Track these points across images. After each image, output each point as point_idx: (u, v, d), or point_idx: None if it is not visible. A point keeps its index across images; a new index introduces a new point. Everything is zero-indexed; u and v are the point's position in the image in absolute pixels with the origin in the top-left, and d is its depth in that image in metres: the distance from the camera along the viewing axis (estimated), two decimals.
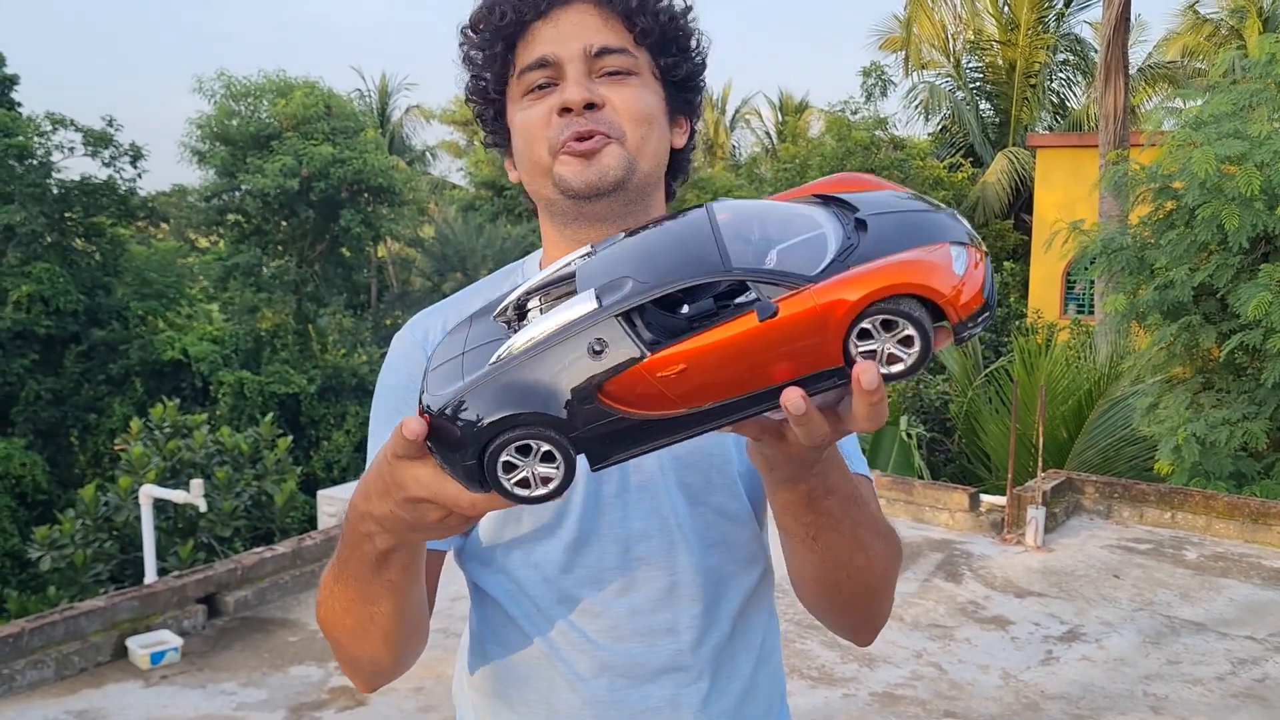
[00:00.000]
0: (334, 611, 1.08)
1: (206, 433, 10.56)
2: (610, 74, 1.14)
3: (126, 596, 5.03)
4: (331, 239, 21.08)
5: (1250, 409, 7.06)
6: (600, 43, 1.13)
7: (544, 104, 1.13)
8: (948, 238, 0.78)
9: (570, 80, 1.12)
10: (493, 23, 1.15)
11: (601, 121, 1.12)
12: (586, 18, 1.14)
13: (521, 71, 1.14)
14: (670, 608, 1.18)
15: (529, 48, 1.14)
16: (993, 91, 23.23)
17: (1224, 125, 7.03)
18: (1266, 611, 5.49)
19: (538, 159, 1.15)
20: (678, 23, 1.18)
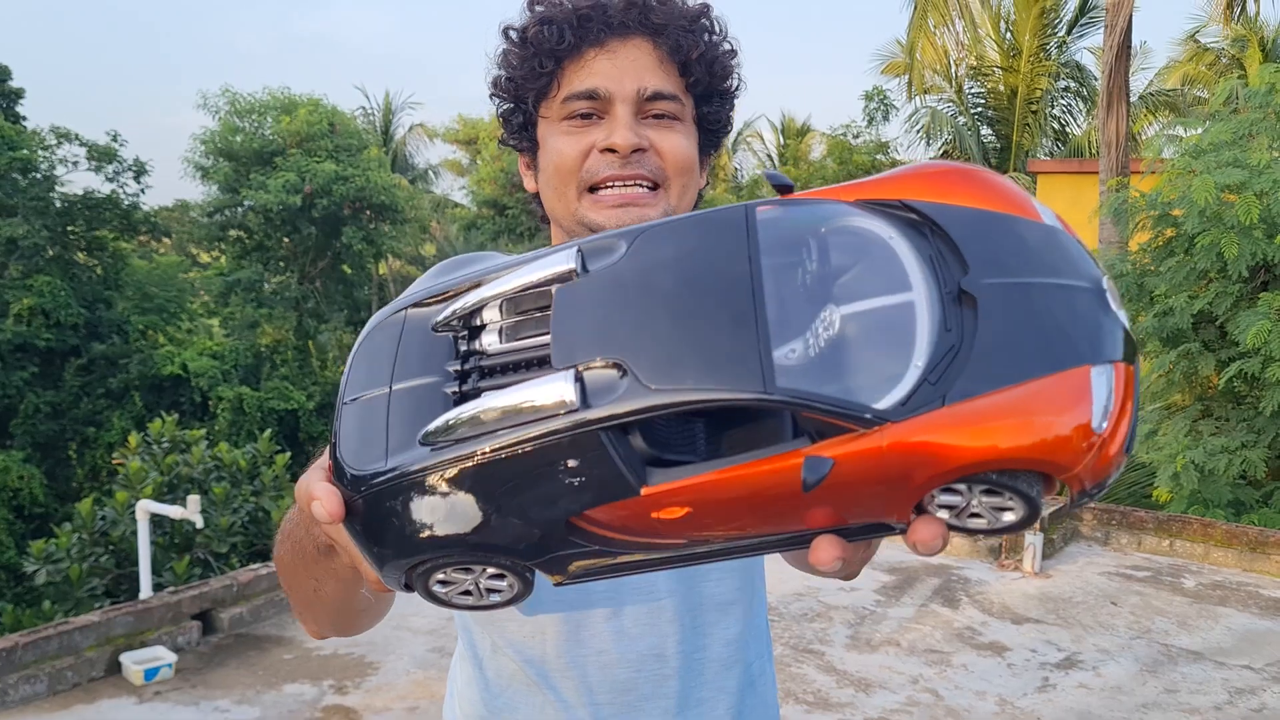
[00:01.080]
0: (282, 562, 1.01)
1: (205, 448, 10.54)
2: (656, 116, 1.12)
3: (121, 612, 5.01)
4: (333, 256, 21.14)
5: (1249, 437, 7.06)
6: (654, 86, 1.11)
7: (586, 137, 1.11)
8: (1094, 351, 0.56)
9: (620, 122, 1.10)
10: (546, 41, 1.11)
11: (645, 165, 1.11)
12: (643, 56, 1.11)
13: (567, 98, 1.11)
14: (658, 633, 1.17)
15: (580, 75, 1.11)
16: (994, 117, 23.32)
17: (1224, 154, 7.06)
18: (1264, 641, 5.47)
19: (566, 192, 1.13)
20: (726, 71, 1.18)
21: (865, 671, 5.02)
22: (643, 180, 1.11)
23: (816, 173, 22.05)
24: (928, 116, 23.03)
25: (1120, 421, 0.57)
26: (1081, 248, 0.64)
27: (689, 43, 1.12)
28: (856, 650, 5.24)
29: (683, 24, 1.12)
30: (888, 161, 21.57)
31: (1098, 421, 0.55)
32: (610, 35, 1.10)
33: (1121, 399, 0.57)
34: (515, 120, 1.18)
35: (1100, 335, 0.57)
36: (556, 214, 1.16)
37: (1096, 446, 0.56)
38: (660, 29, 1.11)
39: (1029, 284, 0.58)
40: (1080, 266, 0.61)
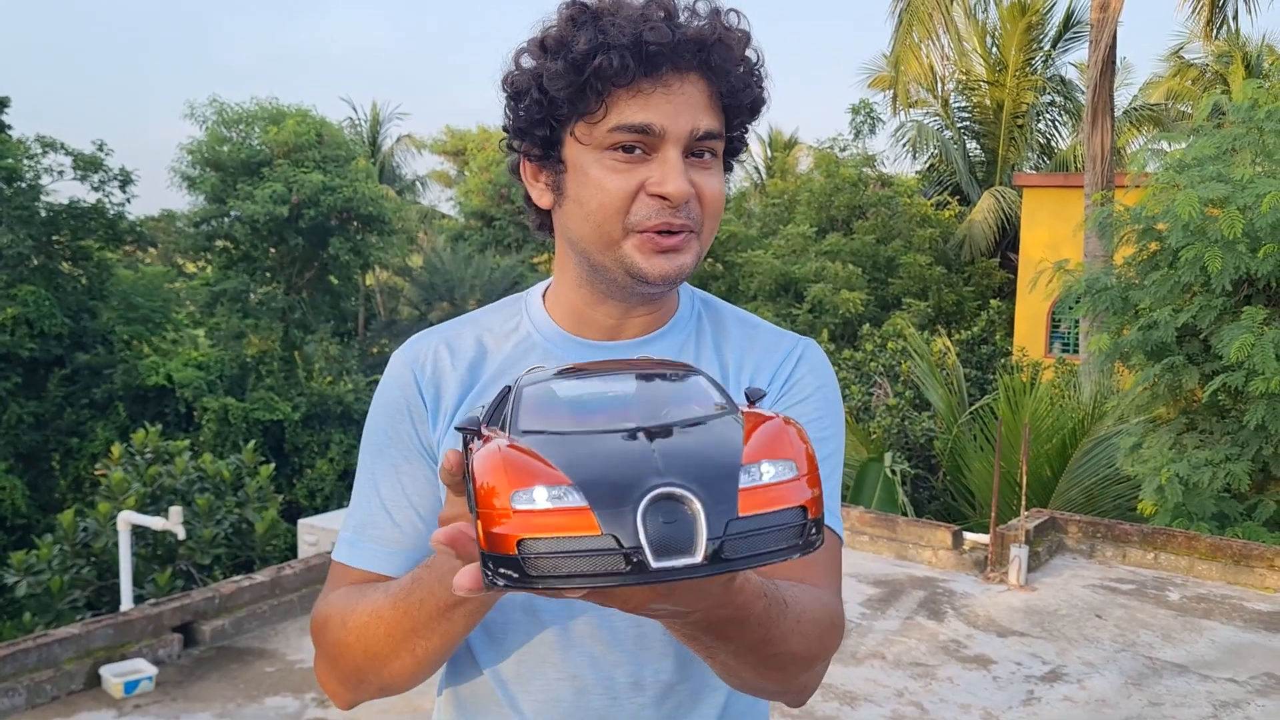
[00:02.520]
0: (370, 633, 1.05)
1: (188, 459, 10.49)
2: (697, 154, 1.10)
3: (101, 624, 4.97)
4: (320, 266, 21.08)
5: (1233, 450, 7.08)
6: (706, 127, 1.08)
7: (634, 176, 1.07)
8: (580, 477, 0.70)
9: (672, 166, 1.06)
10: (607, 70, 1.03)
11: (690, 214, 1.09)
12: (697, 93, 1.08)
13: (617, 127, 1.06)
14: (636, 660, 1.14)
15: (633, 106, 1.05)
16: (980, 131, 23.46)
17: (1207, 168, 7.10)
18: (1248, 654, 5.48)
19: (609, 230, 1.09)
20: (761, 108, 1.15)
21: (850, 685, 5.01)
22: (689, 229, 1.10)
23: (804, 185, 22.11)
24: (914, 130, 23.15)
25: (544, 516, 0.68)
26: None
27: (742, 85, 1.10)
28: (841, 663, 5.23)
29: (740, 63, 1.10)
30: (874, 175, 21.65)
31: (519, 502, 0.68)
32: (666, 70, 1.06)
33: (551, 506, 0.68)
34: (539, 133, 1.11)
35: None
36: (589, 247, 1.12)
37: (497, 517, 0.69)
38: (718, 70, 1.08)
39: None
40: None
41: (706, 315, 1.26)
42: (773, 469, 0.71)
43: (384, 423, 1.20)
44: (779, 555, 0.70)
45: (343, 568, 1.16)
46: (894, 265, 19.43)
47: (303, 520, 7.58)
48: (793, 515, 0.71)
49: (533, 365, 1.17)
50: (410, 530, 1.15)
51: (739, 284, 19.73)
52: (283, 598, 5.73)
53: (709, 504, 0.68)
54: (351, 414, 19.20)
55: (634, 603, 0.77)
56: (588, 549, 0.67)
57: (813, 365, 1.24)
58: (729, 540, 0.68)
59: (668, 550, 0.67)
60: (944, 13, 13.94)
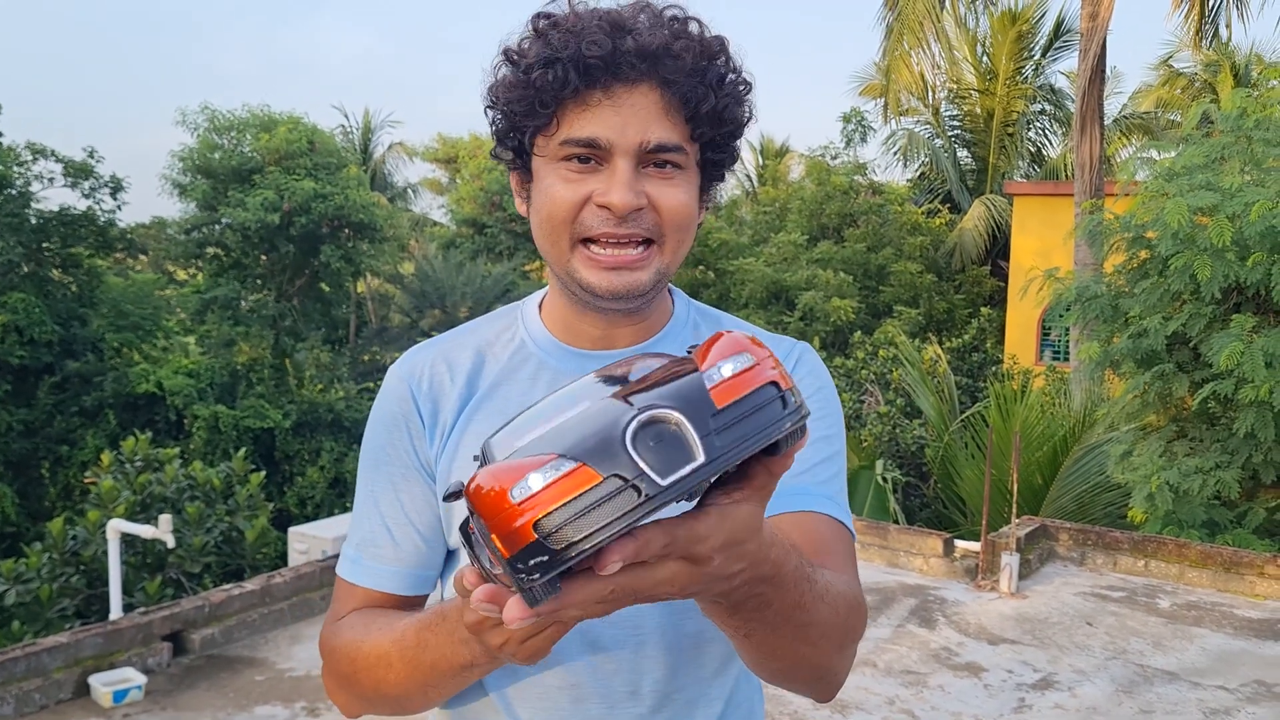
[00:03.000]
0: (379, 676, 1.06)
1: (178, 467, 10.46)
2: (658, 165, 1.08)
3: (90, 633, 4.94)
4: (311, 274, 21.05)
5: (1223, 458, 7.10)
6: (658, 139, 1.06)
7: (582, 186, 1.07)
8: (565, 448, 0.71)
9: (619, 178, 1.05)
10: (549, 85, 1.04)
11: (640, 224, 1.07)
12: (649, 104, 1.06)
13: (566, 141, 1.06)
14: (634, 668, 1.14)
15: (581, 120, 1.06)
16: (971, 139, 23.53)
17: (1196, 177, 7.13)
18: (1239, 661, 5.49)
19: (558, 240, 1.09)
20: (738, 121, 1.13)
21: (842, 692, 5.01)
22: (637, 240, 1.08)
23: (795, 193, 22.15)
24: (905, 139, 23.22)
25: (546, 495, 0.69)
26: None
27: (698, 95, 1.07)
28: None
29: (695, 73, 1.06)
30: (865, 183, 21.70)
31: (516, 494, 0.69)
32: (617, 82, 1.05)
33: (565, 482, 0.69)
34: (510, 142, 1.13)
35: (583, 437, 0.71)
36: (549, 257, 1.13)
37: (511, 511, 0.70)
38: (669, 78, 1.06)
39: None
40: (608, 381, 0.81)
41: (703, 324, 1.27)
42: (732, 364, 0.74)
43: (381, 438, 1.20)
44: (775, 430, 0.73)
45: (347, 585, 1.19)
46: (885, 273, 19.47)
47: (293, 528, 7.54)
48: (768, 392, 0.73)
49: (534, 379, 1.20)
50: (410, 548, 1.17)
51: (730, 291, 19.75)
52: (273, 606, 5.71)
53: (686, 410, 0.71)
54: (342, 421, 19.16)
55: (681, 582, 0.77)
56: (598, 498, 0.68)
57: (811, 368, 1.25)
58: (719, 433, 0.70)
59: (670, 465, 0.69)
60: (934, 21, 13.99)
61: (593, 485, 0.68)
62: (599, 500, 0.68)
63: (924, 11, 13.81)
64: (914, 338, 16.23)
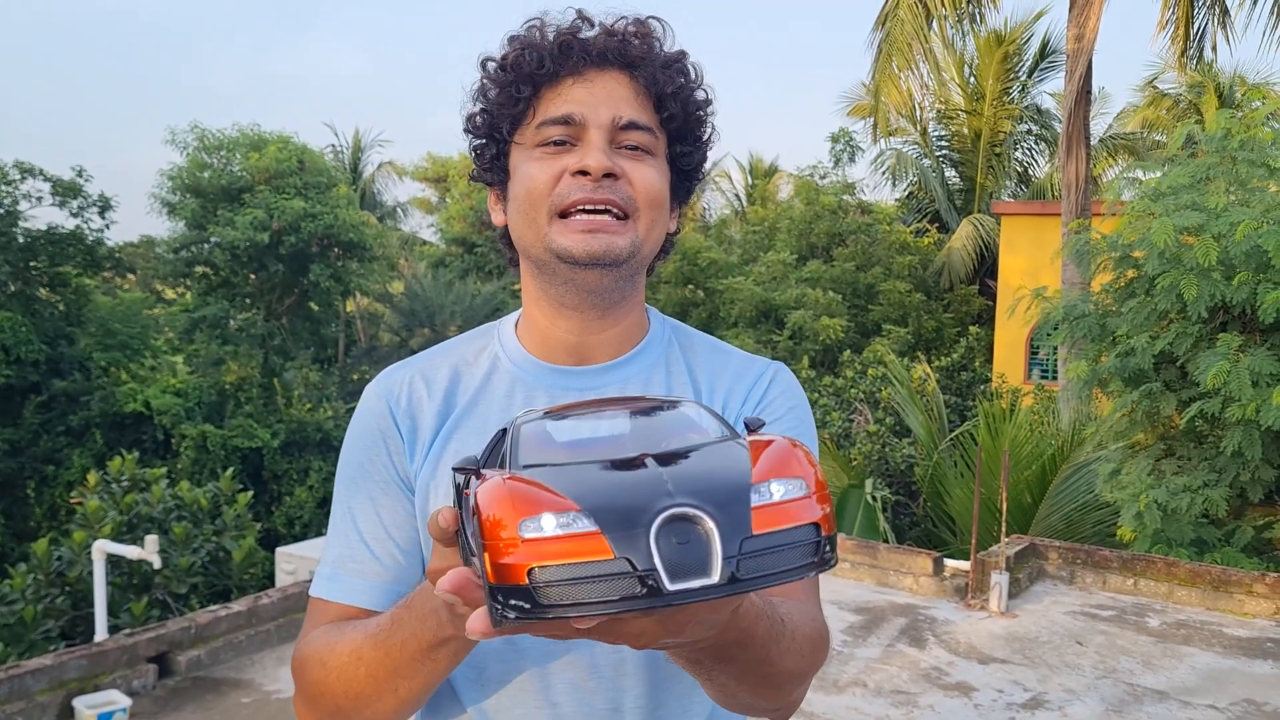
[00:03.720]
0: (350, 674, 1.04)
1: (165, 487, 10.40)
2: (629, 148, 1.13)
3: (75, 654, 4.90)
4: (300, 293, 21.01)
5: (1211, 476, 7.12)
6: (630, 116, 1.12)
7: (558, 162, 1.11)
8: (590, 503, 0.69)
9: (594, 146, 1.10)
10: (524, 66, 1.12)
11: (616, 192, 1.11)
12: (619, 87, 1.13)
13: (542, 123, 1.12)
14: (615, 687, 1.14)
15: (556, 101, 1.12)
16: (959, 159, 23.65)
17: (1182, 197, 7.17)
18: (1228, 680, 5.49)
19: (536, 218, 1.12)
20: (700, 113, 1.19)
21: (832, 712, 4.99)
22: (613, 206, 1.11)
23: (784, 213, 22.22)
24: (893, 158, 23.33)
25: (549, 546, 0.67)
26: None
27: (664, 78, 1.14)
28: (823, 691, 5.21)
29: (660, 62, 1.15)
30: (854, 202, 21.78)
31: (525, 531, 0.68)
32: (588, 65, 1.12)
33: (561, 534, 0.67)
34: (488, 153, 1.18)
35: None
36: (525, 242, 1.15)
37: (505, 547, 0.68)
38: (637, 63, 1.13)
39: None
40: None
41: (678, 340, 1.28)
42: (783, 487, 0.71)
43: (360, 455, 1.19)
44: (795, 574, 0.70)
45: (322, 603, 1.16)
46: (874, 292, 19.52)
47: (280, 549, 7.51)
48: (806, 532, 0.70)
49: (510, 395, 1.19)
50: (390, 563, 1.15)
51: (720, 310, 19.77)
52: (260, 628, 5.68)
53: (723, 523, 0.67)
54: (331, 441, 19.07)
55: (646, 639, 0.76)
56: (601, 574, 0.66)
57: (784, 387, 1.26)
58: (744, 559, 0.67)
59: (683, 572, 0.66)
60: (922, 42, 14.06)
61: (601, 559, 0.66)
62: (602, 576, 0.66)
63: (912, 33, 13.89)
64: (903, 356, 16.26)
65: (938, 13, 13.73)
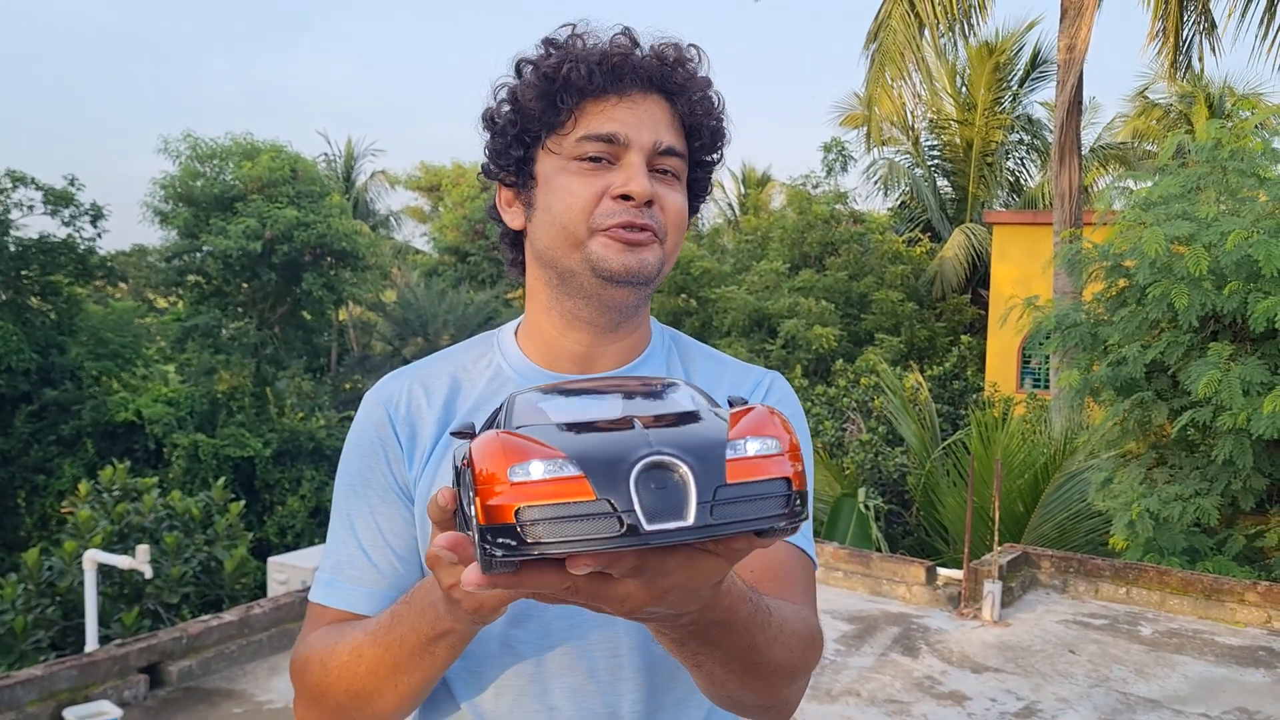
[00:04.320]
0: (351, 671, 1.06)
1: (157, 496, 10.36)
2: (661, 172, 1.16)
3: (65, 665, 4.88)
4: (293, 302, 20.99)
5: (1202, 485, 7.14)
6: (669, 142, 1.15)
7: (598, 180, 1.13)
8: (575, 452, 0.74)
9: (636, 170, 1.12)
10: (572, 78, 1.13)
11: (653, 218, 1.14)
12: (661, 112, 1.16)
13: (584, 137, 1.13)
14: (612, 690, 1.15)
15: (600, 118, 1.13)
16: (950, 169, 23.73)
17: (1173, 206, 7.20)
18: (1220, 689, 5.50)
19: (574, 231, 1.14)
20: (721, 143, 1.23)
21: None
22: (650, 231, 1.14)
23: (777, 222, 22.27)
24: (885, 168, 23.40)
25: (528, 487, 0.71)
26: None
27: (700, 109, 1.18)
28: (816, 701, 5.20)
29: (698, 89, 1.18)
30: (846, 212, 21.84)
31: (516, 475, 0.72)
32: (634, 87, 1.14)
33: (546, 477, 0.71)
34: (512, 154, 1.18)
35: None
36: (556, 253, 1.16)
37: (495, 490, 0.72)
38: (678, 90, 1.17)
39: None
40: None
41: (677, 350, 1.30)
42: (757, 444, 0.75)
43: (359, 463, 1.20)
44: (765, 523, 0.73)
45: (320, 608, 1.17)
46: (866, 301, 19.56)
47: (273, 559, 7.49)
48: (778, 486, 0.74)
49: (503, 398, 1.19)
50: (388, 570, 1.16)
51: (713, 319, 19.79)
52: (251, 637, 5.66)
53: (698, 471, 0.72)
54: (323, 450, 19.04)
55: (631, 603, 0.78)
56: (583, 514, 0.70)
57: (781, 395, 1.28)
58: (718, 505, 0.71)
59: (660, 514, 0.70)
60: (915, 52, 14.11)
61: (583, 500, 0.70)
62: (583, 515, 0.70)
63: (904, 42, 13.94)
64: (895, 365, 16.29)
65: (930, 22, 13.78)
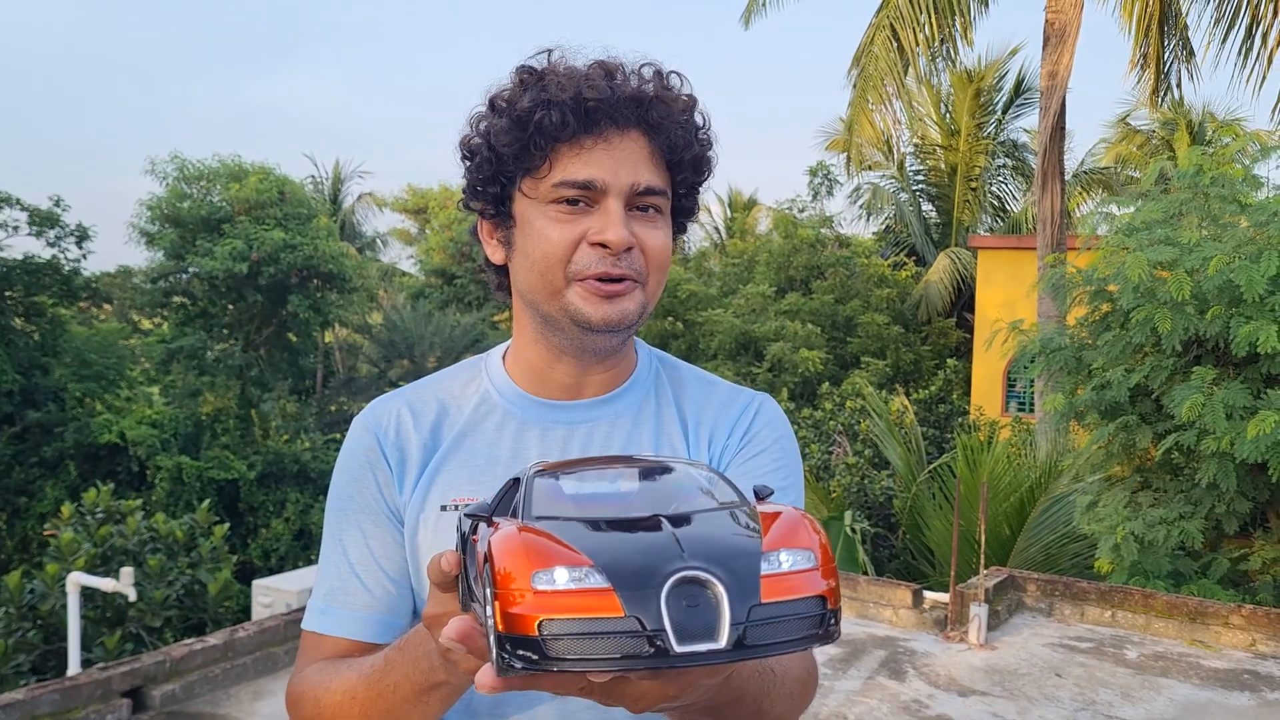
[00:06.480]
0: (344, 713, 1.05)
1: (140, 519, 10.30)
2: (641, 209, 1.12)
3: (47, 689, 4.83)
4: (279, 324, 20.94)
5: (1186, 508, 7.17)
6: (647, 182, 1.11)
7: (576, 226, 1.10)
8: (604, 559, 0.71)
9: (613, 217, 1.09)
10: (548, 126, 1.08)
11: (632, 264, 1.11)
12: (638, 149, 1.11)
13: (560, 183, 1.09)
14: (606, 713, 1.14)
15: (576, 163, 1.09)
16: (935, 193, 23.89)
17: (1156, 232, 7.26)
18: (1205, 712, 5.51)
19: (552, 279, 1.11)
20: (709, 170, 1.20)
21: None
22: (629, 277, 1.11)
23: (763, 245, 22.36)
24: (870, 193, 23.54)
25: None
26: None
27: (683, 142, 1.14)
28: None
29: (678, 122, 1.13)
30: (832, 236, 21.94)
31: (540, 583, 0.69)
32: (610, 128, 1.10)
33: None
34: (489, 190, 1.16)
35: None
36: (535, 298, 1.15)
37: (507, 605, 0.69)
38: (657, 125, 1.12)
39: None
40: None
41: (665, 373, 1.29)
42: (791, 558, 0.72)
43: (349, 487, 1.20)
44: (798, 644, 0.70)
45: (316, 637, 1.17)
46: (852, 324, 19.64)
47: (257, 581, 7.44)
48: (813, 604, 0.71)
49: (500, 429, 1.20)
50: (381, 594, 1.16)
51: (699, 342, 19.84)
52: (236, 661, 5.61)
53: (733, 589, 0.68)
54: (308, 472, 18.95)
55: (645, 702, 0.77)
56: (610, 630, 0.67)
57: (769, 418, 1.27)
58: (751, 626, 0.68)
59: (691, 635, 0.67)
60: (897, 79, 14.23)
61: (611, 616, 0.67)
62: (610, 633, 0.67)
63: (886, 69, 14.06)
64: (881, 389, 16.34)
65: (910, 49, 13.90)
